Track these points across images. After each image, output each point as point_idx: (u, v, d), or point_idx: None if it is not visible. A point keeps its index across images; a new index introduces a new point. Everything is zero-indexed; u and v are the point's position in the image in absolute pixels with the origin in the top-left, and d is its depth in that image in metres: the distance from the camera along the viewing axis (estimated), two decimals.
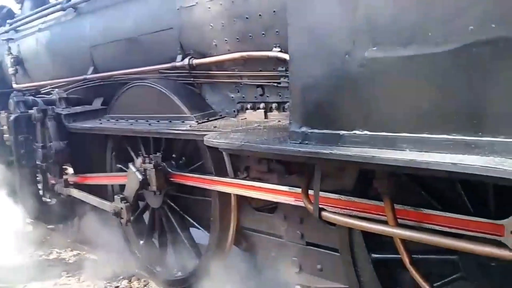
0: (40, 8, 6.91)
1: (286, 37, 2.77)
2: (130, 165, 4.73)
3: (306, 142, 2.71)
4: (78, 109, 5.81)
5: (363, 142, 2.45)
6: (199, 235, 5.06)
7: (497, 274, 2.71)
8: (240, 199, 4.45)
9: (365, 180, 3.26)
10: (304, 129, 2.72)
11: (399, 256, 2.97)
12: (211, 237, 4.65)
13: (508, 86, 1.94)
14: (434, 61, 2.14)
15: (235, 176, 4.30)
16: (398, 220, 2.85)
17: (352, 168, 3.33)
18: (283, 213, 4.14)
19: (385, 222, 2.88)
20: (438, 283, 2.99)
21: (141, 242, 5.54)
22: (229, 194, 4.38)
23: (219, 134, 3.48)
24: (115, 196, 4.97)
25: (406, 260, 2.92)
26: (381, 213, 2.98)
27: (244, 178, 4.21)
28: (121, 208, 4.85)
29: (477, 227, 2.60)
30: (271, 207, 4.39)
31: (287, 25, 2.72)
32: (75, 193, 5.88)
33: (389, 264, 3.47)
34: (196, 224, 4.90)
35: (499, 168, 1.88)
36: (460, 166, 1.98)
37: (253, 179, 4.09)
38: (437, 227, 2.76)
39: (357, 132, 2.48)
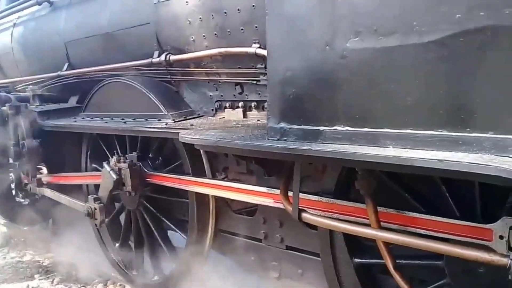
0: (15, 3, 6.68)
1: (265, 33, 2.64)
2: (105, 164, 4.54)
3: (285, 138, 2.57)
4: (52, 106, 5.62)
5: (344, 139, 2.32)
6: (177, 238, 4.89)
7: (485, 280, 2.58)
8: (219, 201, 4.30)
9: (347, 181, 3.13)
10: (282, 125, 2.57)
11: (383, 261, 2.84)
12: (189, 240, 4.49)
13: (497, 78, 1.82)
14: (419, 52, 2.01)
15: (213, 177, 4.15)
16: (381, 223, 2.72)
17: (333, 168, 3.19)
18: (263, 216, 4.00)
19: (367, 225, 2.75)
20: None
21: (117, 244, 5.36)
22: (207, 196, 4.23)
23: (194, 131, 3.33)
24: (89, 197, 4.78)
25: (390, 265, 2.79)
26: (364, 216, 2.85)
27: (222, 179, 4.07)
28: (95, 209, 4.65)
29: (463, 231, 2.48)
30: (250, 210, 4.26)
31: (265, 16, 2.58)
32: (49, 193, 5.65)
33: (372, 269, 3.35)
34: (173, 227, 4.73)
35: (489, 166, 1.75)
36: (446, 163, 1.85)
37: (232, 180, 3.94)
38: (421, 231, 2.64)
39: (338, 128, 2.35)
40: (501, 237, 2.29)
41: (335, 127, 2.36)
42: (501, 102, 1.82)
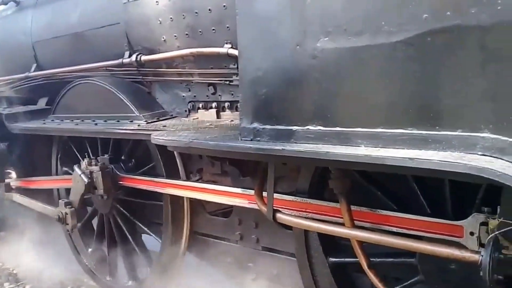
0: None
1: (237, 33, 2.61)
2: (75, 168, 4.43)
3: (258, 139, 2.56)
4: (21, 108, 5.45)
5: (317, 138, 2.32)
6: (151, 241, 4.82)
7: (457, 277, 2.62)
8: (193, 203, 4.25)
9: (321, 181, 3.13)
10: (255, 125, 2.56)
11: (357, 259, 2.85)
12: (163, 244, 4.42)
13: (465, 76, 1.84)
14: (388, 51, 2.02)
15: (188, 179, 4.11)
16: (355, 222, 2.73)
17: (306, 168, 3.19)
18: (238, 217, 3.97)
19: (341, 224, 2.76)
20: (397, 287, 2.89)
21: (90, 250, 5.24)
22: (181, 198, 4.18)
23: (167, 132, 3.28)
24: (59, 201, 4.67)
25: (364, 264, 2.81)
26: (338, 215, 2.86)
27: (197, 181, 4.02)
28: (66, 214, 4.55)
29: (435, 229, 2.51)
30: (225, 211, 4.23)
31: (236, 15, 2.56)
32: (18, 198, 5.50)
33: (347, 268, 3.36)
34: (148, 230, 4.65)
35: (458, 163, 1.77)
36: (417, 161, 1.86)
37: (206, 182, 3.90)
38: (394, 229, 2.66)
39: (311, 127, 2.34)
40: (471, 234, 2.33)
41: (307, 127, 2.36)
42: (469, 100, 1.84)
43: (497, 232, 2.10)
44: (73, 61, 4.88)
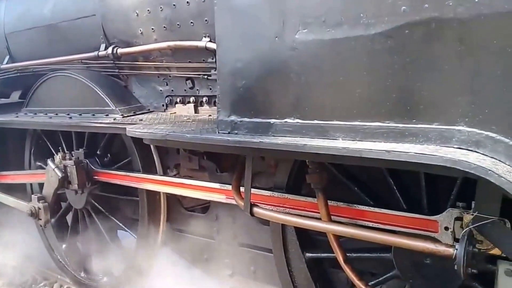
0: None
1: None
2: (49, 162, 4.33)
3: (236, 131, 2.53)
4: None
5: (295, 131, 2.31)
6: (127, 237, 4.74)
7: (431, 272, 2.64)
8: (170, 198, 4.20)
9: (298, 176, 3.12)
10: (233, 118, 2.53)
11: (334, 255, 2.85)
12: (139, 240, 4.36)
13: (442, 69, 1.84)
14: (366, 43, 2.02)
15: (164, 174, 4.05)
16: (332, 216, 2.73)
17: (284, 163, 3.18)
18: (215, 213, 3.94)
19: (318, 219, 2.75)
20: (373, 282, 2.90)
21: (64, 245, 5.14)
22: (158, 193, 4.13)
23: (143, 125, 3.23)
24: (32, 196, 4.56)
25: (340, 258, 2.81)
26: (315, 210, 2.85)
27: (174, 176, 3.97)
28: (39, 209, 4.44)
29: (410, 223, 2.53)
30: (203, 207, 4.19)
31: (214, 6, 2.52)
32: None
33: (324, 263, 3.36)
34: (123, 226, 4.58)
35: (434, 156, 1.77)
36: (393, 154, 1.86)
37: (184, 177, 3.85)
38: (370, 224, 2.66)
39: (289, 120, 2.33)
40: (446, 228, 2.35)
41: (285, 120, 2.34)
42: (446, 94, 1.85)
43: (471, 226, 2.12)
44: (47, 53, 4.77)
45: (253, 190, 2.99)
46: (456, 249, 2.13)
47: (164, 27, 3.73)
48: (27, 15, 4.95)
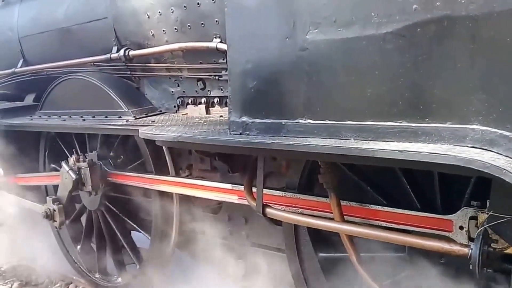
0: None
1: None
2: (63, 164, 4.38)
3: (247, 132, 2.53)
4: (7, 105, 5.37)
5: (306, 132, 2.30)
6: (141, 238, 4.77)
7: (446, 271, 2.61)
8: (183, 199, 4.21)
9: (310, 176, 3.12)
10: (244, 119, 2.53)
11: (347, 254, 2.84)
12: (153, 241, 4.38)
13: (454, 67, 1.83)
14: (377, 43, 2.00)
15: (177, 175, 4.07)
16: (345, 216, 2.72)
17: (296, 162, 3.17)
18: (228, 214, 3.95)
19: (331, 219, 2.75)
20: (387, 282, 2.88)
21: (78, 247, 5.19)
22: (171, 194, 4.14)
23: (155, 127, 3.24)
24: (47, 198, 4.61)
25: (354, 259, 2.81)
26: (327, 210, 2.84)
27: (186, 177, 3.98)
28: (54, 210, 4.49)
29: (424, 223, 2.51)
30: (215, 208, 4.20)
31: (225, 8, 2.52)
32: (5, 195, 5.42)
33: (337, 263, 3.35)
34: (137, 227, 4.61)
35: (447, 155, 1.75)
36: (406, 153, 1.85)
37: (196, 178, 3.86)
38: (384, 223, 2.65)
39: (300, 121, 2.32)
40: (461, 228, 2.33)
41: (297, 120, 2.34)
42: (458, 92, 1.83)
43: (487, 225, 2.10)
44: (60, 57, 4.81)
45: (265, 191, 2.99)
46: (471, 249, 2.12)
47: (175, 28, 3.74)
48: (40, 19, 5.00)
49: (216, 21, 3.47)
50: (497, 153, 1.76)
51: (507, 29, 1.68)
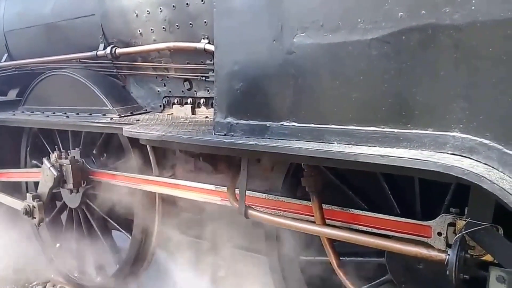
0: None
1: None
2: (45, 160, 4.33)
3: (232, 133, 2.54)
4: None
5: (290, 134, 2.32)
6: (121, 237, 4.73)
7: (425, 277, 2.65)
8: (165, 199, 4.19)
9: (293, 179, 3.13)
10: (229, 119, 2.54)
11: (327, 258, 2.86)
12: (133, 240, 4.35)
13: (437, 75, 1.86)
14: (363, 48, 2.03)
15: (160, 175, 4.04)
16: (326, 220, 2.74)
17: (280, 166, 3.19)
18: (210, 215, 3.93)
19: (313, 223, 2.76)
20: (366, 286, 2.90)
21: (58, 245, 5.13)
22: (153, 194, 4.11)
23: (140, 126, 3.23)
24: (27, 194, 4.54)
25: (334, 262, 2.82)
26: (309, 214, 2.86)
27: (169, 177, 3.97)
28: (33, 207, 4.42)
29: (404, 228, 2.54)
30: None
31: (214, 9, 2.53)
32: None
33: (317, 267, 3.36)
34: (118, 226, 4.57)
35: (428, 161, 1.78)
36: (388, 158, 1.87)
37: (179, 178, 3.84)
38: (364, 228, 2.67)
39: (285, 123, 2.34)
40: (439, 234, 2.36)
41: (282, 123, 2.35)
42: (441, 100, 1.86)
43: (464, 232, 2.13)
44: (45, 52, 4.76)
45: (248, 193, 2.99)
46: (448, 255, 2.14)
47: (163, 28, 3.74)
48: (26, 14, 4.94)
49: (205, 22, 3.48)
50: (477, 160, 1.79)
51: (490, 39, 1.71)
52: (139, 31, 3.92)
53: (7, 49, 5.28)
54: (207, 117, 3.72)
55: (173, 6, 3.60)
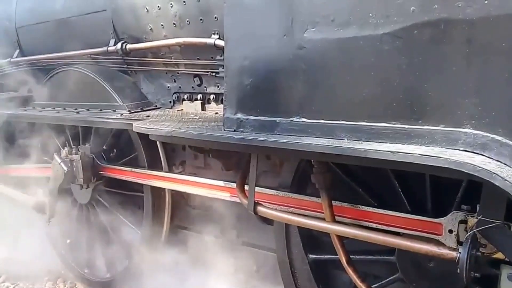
0: None
1: None
2: (55, 156, 4.35)
3: (241, 129, 2.53)
4: (1, 95, 5.32)
5: (300, 130, 2.30)
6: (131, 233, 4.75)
7: (435, 275, 2.62)
8: (175, 195, 4.20)
9: (303, 176, 3.12)
10: (239, 115, 2.53)
11: (337, 256, 2.84)
12: (143, 236, 4.37)
13: (449, 70, 1.83)
14: (374, 44, 2.01)
15: (170, 170, 4.06)
16: (336, 217, 2.72)
17: (289, 162, 3.17)
18: (219, 211, 3.94)
19: (322, 219, 2.75)
20: (376, 285, 2.89)
21: (68, 241, 5.15)
22: (163, 190, 4.13)
23: (149, 122, 3.24)
24: (38, 190, 4.56)
25: (343, 260, 2.80)
26: (319, 210, 2.84)
27: (179, 173, 3.98)
28: (44, 203, 4.45)
29: (414, 226, 2.52)
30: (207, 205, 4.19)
31: (224, 3, 2.52)
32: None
33: (327, 265, 3.35)
34: (128, 222, 4.58)
35: (439, 157, 1.76)
36: (398, 155, 1.85)
37: (189, 174, 3.86)
38: (374, 225, 2.65)
39: (295, 119, 2.32)
40: (450, 231, 2.33)
41: (291, 119, 2.34)
42: (452, 95, 1.84)
43: (475, 229, 2.11)
44: (57, 48, 4.78)
45: (257, 189, 2.98)
46: (460, 253, 2.12)
47: (174, 23, 3.73)
48: (38, 9, 4.96)
49: (215, 18, 3.47)
50: (488, 157, 1.77)
51: (503, 33, 1.69)
52: (150, 26, 3.92)
53: (19, 45, 5.32)
54: (217, 113, 3.72)
55: (184, 2, 3.60)
